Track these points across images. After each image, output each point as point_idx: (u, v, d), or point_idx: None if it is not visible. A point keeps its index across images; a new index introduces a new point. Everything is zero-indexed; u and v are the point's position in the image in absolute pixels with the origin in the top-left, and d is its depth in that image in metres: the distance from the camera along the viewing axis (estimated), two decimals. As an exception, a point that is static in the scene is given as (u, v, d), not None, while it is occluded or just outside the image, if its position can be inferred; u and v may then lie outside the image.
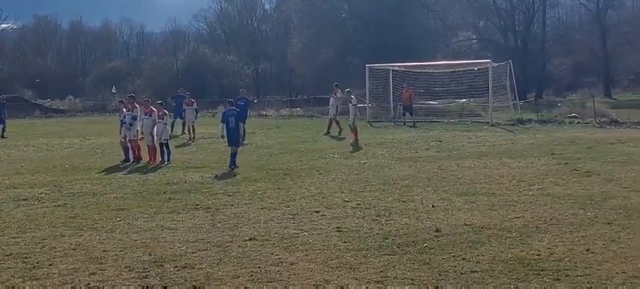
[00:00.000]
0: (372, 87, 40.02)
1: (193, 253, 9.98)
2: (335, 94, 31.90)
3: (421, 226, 11.45)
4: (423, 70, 40.34)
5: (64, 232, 11.58)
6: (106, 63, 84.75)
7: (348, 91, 29.73)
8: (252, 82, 70.75)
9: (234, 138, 20.05)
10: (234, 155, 19.70)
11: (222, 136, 20.41)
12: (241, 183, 16.71)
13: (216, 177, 17.86)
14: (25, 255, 10.05)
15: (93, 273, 9.11)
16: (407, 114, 36.90)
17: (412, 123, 35.64)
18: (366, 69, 40.32)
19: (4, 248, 10.53)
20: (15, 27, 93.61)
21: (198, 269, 9.22)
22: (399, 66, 40.36)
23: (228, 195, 14.93)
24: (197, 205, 13.84)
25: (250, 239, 10.77)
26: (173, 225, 11.94)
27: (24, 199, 15.00)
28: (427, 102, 40.19)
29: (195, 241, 10.71)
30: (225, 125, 20.16)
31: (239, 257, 9.73)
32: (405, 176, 17.31)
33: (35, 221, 12.54)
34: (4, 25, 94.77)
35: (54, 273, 9.14)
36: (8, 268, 9.43)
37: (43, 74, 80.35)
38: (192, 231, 11.43)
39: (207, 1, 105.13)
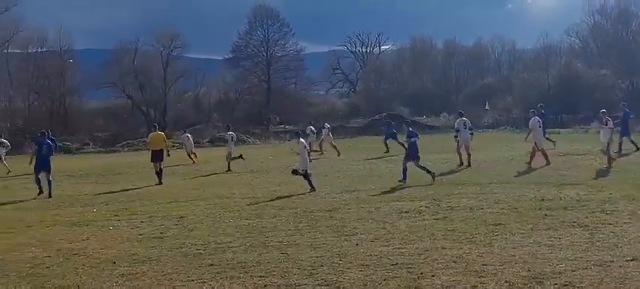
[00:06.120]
0: None
1: (573, 271, 9.83)
2: None
3: None
4: None
5: (444, 244, 12.08)
6: (478, 80, 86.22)
7: None
8: (625, 97, 66.89)
9: None
10: None
11: None
12: (619, 201, 16.02)
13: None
14: (410, 265, 10.62)
15: (474, 286, 9.36)
16: None
17: None
18: None
19: (390, 257, 11.25)
20: (394, 48, 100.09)
21: (578, 287, 9.08)
22: None
23: (606, 213, 14.44)
24: (574, 222, 13.58)
25: (632, 259, 10.33)
26: (550, 242, 11.87)
27: (406, 211, 15.94)
28: None
29: (574, 259, 10.55)
30: None
31: (621, 278, 9.40)
32: None
33: (417, 233, 13.26)
34: (384, 47, 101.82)
35: (437, 284, 9.53)
36: (395, 277, 10.00)
37: (419, 92, 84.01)
38: (570, 249, 11.27)
39: (579, 15, 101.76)
